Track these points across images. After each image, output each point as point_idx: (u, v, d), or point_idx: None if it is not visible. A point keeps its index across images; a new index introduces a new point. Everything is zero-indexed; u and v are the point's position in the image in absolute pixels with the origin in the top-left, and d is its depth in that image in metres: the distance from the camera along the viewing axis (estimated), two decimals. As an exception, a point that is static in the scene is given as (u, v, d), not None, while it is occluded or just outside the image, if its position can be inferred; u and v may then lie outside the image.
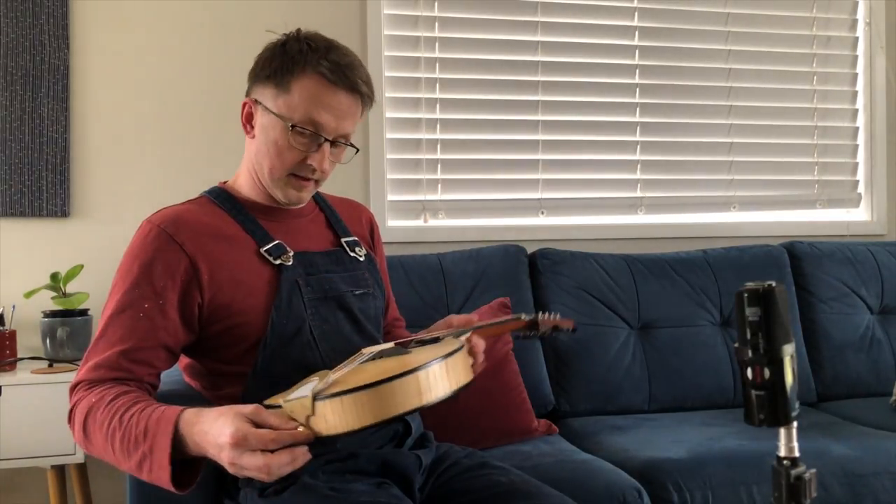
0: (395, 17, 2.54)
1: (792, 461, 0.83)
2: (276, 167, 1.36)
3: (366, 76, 1.36)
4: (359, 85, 1.34)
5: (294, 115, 1.32)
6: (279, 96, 1.33)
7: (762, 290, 0.82)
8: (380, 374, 1.03)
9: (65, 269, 2.16)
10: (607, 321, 2.29)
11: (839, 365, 2.40)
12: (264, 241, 1.37)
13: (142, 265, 1.29)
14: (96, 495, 2.22)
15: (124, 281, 1.30)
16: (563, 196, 2.67)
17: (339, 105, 1.33)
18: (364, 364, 1.20)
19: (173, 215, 1.35)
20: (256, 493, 1.28)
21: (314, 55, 1.32)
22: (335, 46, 1.36)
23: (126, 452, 1.12)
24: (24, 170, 2.25)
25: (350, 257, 1.47)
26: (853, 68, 2.91)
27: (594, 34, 2.70)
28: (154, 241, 1.31)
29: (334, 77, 1.32)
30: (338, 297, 1.40)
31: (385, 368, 1.09)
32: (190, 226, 1.34)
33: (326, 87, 1.32)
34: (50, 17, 2.28)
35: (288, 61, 1.33)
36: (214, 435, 1.04)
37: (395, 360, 1.15)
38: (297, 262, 1.38)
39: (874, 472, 1.79)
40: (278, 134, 1.34)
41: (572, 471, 1.70)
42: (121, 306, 1.28)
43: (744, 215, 2.80)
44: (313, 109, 1.32)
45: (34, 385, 1.94)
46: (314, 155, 1.35)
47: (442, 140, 2.58)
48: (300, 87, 1.32)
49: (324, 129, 1.33)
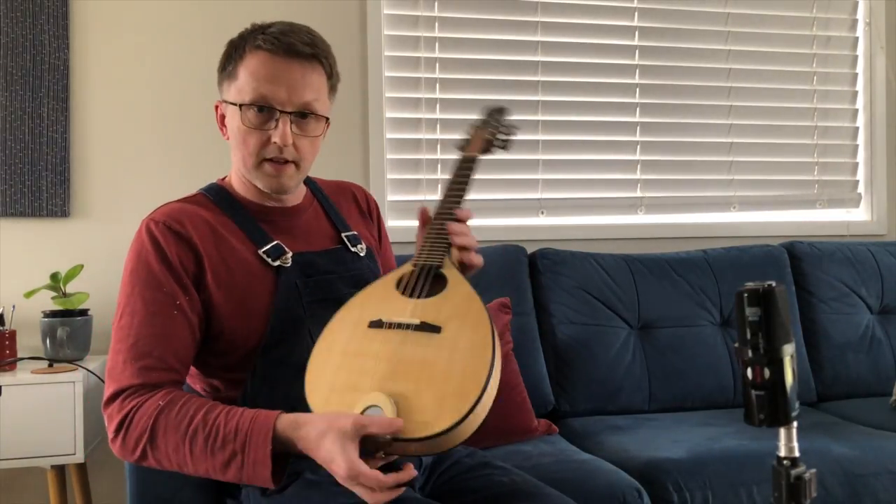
0: (395, 17, 2.54)
1: (792, 461, 0.83)
2: (246, 155, 1.33)
3: (307, 38, 1.31)
4: (297, 46, 1.29)
5: (245, 97, 1.30)
6: (231, 85, 1.33)
7: (762, 290, 0.82)
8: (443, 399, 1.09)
9: (65, 269, 2.16)
10: (607, 321, 2.29)
11: (839, 365, 2.40)
12: (263, 242, 1.35)
13: (159, 262, 1.27)
14: (96, 495, 2.22)
15: (145, 282, 1.26)
16: (563, 196, 2.67)
17: (286, 73, 1.29)
18: (403, 354, 1.16)
19: (176, 211, 1.33)
20: (259, 491, 1.28)
21: (252, 34, 1.32)
22: (278, 22, 1.34)
23: (210, 452, 1.14)
24: (24, 170, 2.26)
25: (351, 254, 1.44)
26: (853, 68, 2.91)
27: (594, 34, 2.70)
28: (163, 236, 1.29)
29: (271, 46, 1.28)
30: (337, 300, 1.36)
31: (435, 373, 1.12)
32: (192, 221, 1.32)
33: (267, 59, 1.29)
34: (50, 17, 2.28)
35: (232, 49, 1.34)
36: (323, 456, 1.09)
37: (435, 349, 1.15)
38: (296, 264, 1.35)
39: (874, 472, 1.79)
40: (237, 121, 1.32)
41: (572, 471, 1.70)
42: (150, 307, 1.25)
43: (744, 215, 2.80)
44: (259, 84, 1.29)
45: (34, 385, 1.93)
46: (275, 131, 1.30)
47: (442, 140, 2.59)
48: (245, 68, 1.31)
49: (274, 100, 1.29)
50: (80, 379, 1.94)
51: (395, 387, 1.12)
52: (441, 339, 1.17)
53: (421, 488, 1.33)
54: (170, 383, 1.23)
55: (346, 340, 1.21)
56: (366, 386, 1.13)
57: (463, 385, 1.11)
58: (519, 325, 2.17)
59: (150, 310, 1.25)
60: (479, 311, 1.20)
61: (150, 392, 1.20)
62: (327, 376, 1.17)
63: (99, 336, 2.20)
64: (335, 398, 1.14)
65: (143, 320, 1.24)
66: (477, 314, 1.20)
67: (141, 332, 1.24)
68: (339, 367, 1.18)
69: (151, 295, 1.25)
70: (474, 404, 1.08)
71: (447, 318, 1.20)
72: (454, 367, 1.13)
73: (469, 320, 1.19)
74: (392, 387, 1.12)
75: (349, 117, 2.49)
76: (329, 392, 1.15)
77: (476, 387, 1.10)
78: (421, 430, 1.07)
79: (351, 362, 1.17)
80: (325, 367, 1.19)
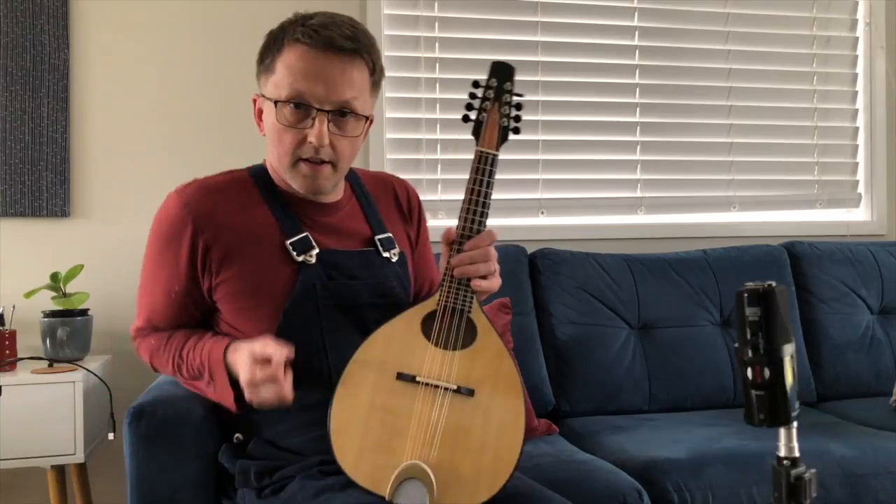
0: (395, 17, 2.54)
1: (792, 461, 0.83)
2: (281, 153, 1.29)
3: (349, 31, 1.25)
4: (338, 41, 1.23)
5: (281, 93, 1.25)
6: (269, 79, 1.29)
7: (762, 290, 0.82)
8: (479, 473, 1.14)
9: (65, 269, 2.16)
10: (607, 321, 2.29)
11: (839, 365, 2.40)
12: (292, 232, 1.31)
13: (164, 242, 1.32)
14: (96, 495, 2.22)
15: (153, 256, 1.35)
16: (563, 196, 2.67)
17: (325, 69, 1.24)
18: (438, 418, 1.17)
19: (201, 191, 1.33)
20: (254, 493, 1.28)
21: (292, 26, 1.26)
22: (320, 13, 1.28)
23: (193, 378, 1.36)
24: (24, 170, 2.25)
25: (381, 259, 1.39)
26: (853, 68, 2.91)
27: (594, 34, 2.70)
28: (174, 217, 1.31)
29: (311, 40, 1.23)
30: (354, 308, 1.34)
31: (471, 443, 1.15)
32: (215, 204, 1.31)
33: (306, 53, 1.24)
34: (50, 17, 2.28)
35: (271, 42, 1.29)
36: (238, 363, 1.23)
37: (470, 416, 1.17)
38: (321, 263, 1.32)
39: (874, 472, 1.79)
40: (273, 117, 1.28)
41: (572, 471, 1.69)
42: (153, 280, 1.37)
43: (744, 215, 2.80)
44: (296, 80, 1.24)
45: (34, 385, 1.93)
46: (311, 130, 1.26)
47: (442, 140, 2.58)
48: (282, 62, 1.26)
49: (311, 97, 1.25)
50: (80, 379, 1.94)
51: (433, 454, 1.13)
52: (475, 405, 1.18)
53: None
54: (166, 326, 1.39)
55: (371, 390, 1.19)
56: (400, 448, 1.14)
57: (498, 459, 1.14)
58: (519, 325, 2.17)
59: (153, 285, 1.36)
60: (511, 372, 1.21)
61: (151, 332, 1.40)
62: (356, 431, 1.16)
63: (99, 336, 2.20)
64: (368, 458, 1.15)
65: (148, 290, 1.38)
66: (508, 375, 1.21)
67: (145, 299, 1.39)
68: (368, 423, 1.17)
69: (157, 272, 1.35)
70: (507, 480, 1.13)
71: (479, 380, 1.20)
72: (489, 439, 1.16)
73: (500, 384, 1.20)
74: (429, 454, 1.13)
75: (349, 117, 2.48)
76: (359, 452, 1.15)
77: (510, 462, 1.14)
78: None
79: (381, 418, 1.17)
80: (351, 419, 1.17)
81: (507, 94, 1.33)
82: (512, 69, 1.35)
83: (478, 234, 1.27)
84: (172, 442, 1.39)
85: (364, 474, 1.14)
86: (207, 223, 1.30)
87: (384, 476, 1.12)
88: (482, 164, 1.29)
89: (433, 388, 1.18)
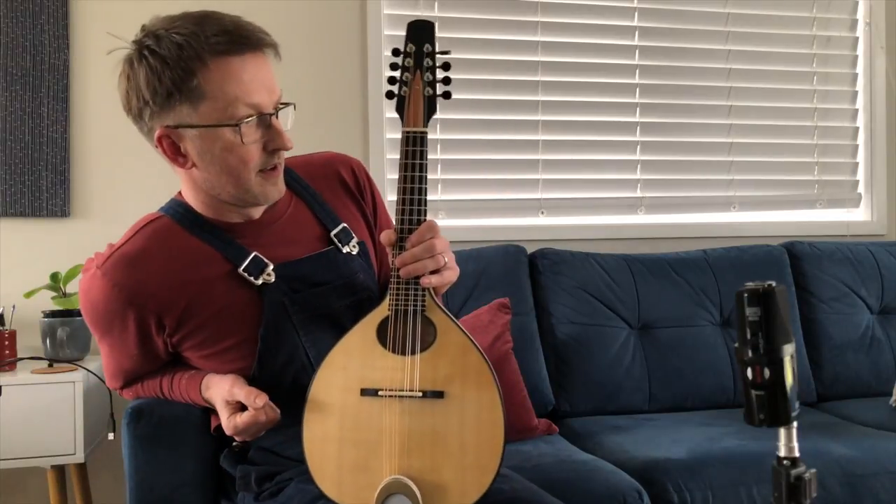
0: (395, 17, 2.54)
1: (792, 461, 0.83)
2: (244, 176, 1.18)
3: (257, 26, 1.17)
4: (262, 38, 1.16)
5: (236, 112, 1.14)
6: (198, 106, 1.14)
7: (762, 290, 0.82)
8: (463, 472, 1.11)
9: (65, 269, 2.16)
10: (607, 321, 2.29)
11: (839, 365, 2.40)
12: (240, 258, 1.23)
13: (107, 324, 1.27)
14: (96, 495, 2.22)
15: (101, 338, 1.32)
16: (563, 196, 2.67)
17: (258, 71, 1.16)
18: (410, 426, 1.13)
19: (125, 264, 1.23)
20: (252, 496, 1.28)
21: (195, 38, 1.12)
22: (200, 16, 1.15)
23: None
24: (24, 170, 2.25)
25: (343, 257, 1.31)
26: (853, 68, 2.91)
27: (594, 34, 2.70)
28: (108, 299, 1.23)
29: (234, 46, 1.13)
30: (328, 315, 1.27)
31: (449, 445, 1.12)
32: (145, 273, 1.22)
33: (236, 63, 1.13)
34: (50, 17, 2.28)
35: (178, 67, 1.12)
36: (215, 401, 1.26)
37: (443, 418, 1.13)
38: (281, 278, 1.24)
39: (874, 472, 1.79)
40: (227, 142, 1.16)
41: (572, 471, 1.70)
42: (109, 353, 1.35)
43: (744, 215, 2.80)
44: (245, 93, 1.14)
45: (34, 385, 1.93)
46: (271, 139, 1.18)
47: (442, 140, 2.58)
48: (212, 81, 1.13)
49: (262, 105, 1.16)
50: (80, 379, 1.94)
51: (411, 464, 1.10)
52: (446, 405, 1.12)
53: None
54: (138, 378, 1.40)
55: (339, 412, 1.14)
56: (377, 466, 1.11)
57: (480, 455, 1.10)
58: (519, 325, 2.17)
59: (112, 353, 1.33)
60: (478, 364, 1.14)
61: (129, 385, 1.40)
62: (332, 455, 1.13)
63: (99, 336, 2.20)
64: (348, 480, 1.12)
65: (110, 358, 1.35)
66: (476, 368, 1.14)
67: (111, 366, 1.37)
68: (341, 445, 1.13)
69: (112, 348, 1.32)
70: (496, 475, 1.10)
71: (447, 379, 1.13)
72: (467, 437, 1.12)
73: (471, 378, 1.13)
74: (408, 465, 1.10)
75: (349, 117, 2.48)
76: (339, 474, 1.13)
77: (495, 456, 1.10)
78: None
79: (353, 438, 1.13)
80: (324, 445, 1.14)
81: (427, 57, 1.19)
82: (430, 25, 1.20)
83: (418, 226, 1.17)
84: (172, 442, 1.39)
85: (349, 497, 1.12)
86: (147, 296, 1.23)
87: (368, 496, 1.10)
88: (410, 147, 1.16)
89: (398, 399, 1.13)
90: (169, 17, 1.17)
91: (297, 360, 1.26)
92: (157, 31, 1.15)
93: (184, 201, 1.29)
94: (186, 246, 1.25)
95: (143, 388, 1.39)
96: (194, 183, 1.24)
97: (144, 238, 1.26)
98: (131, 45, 1.20)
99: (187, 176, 1.23)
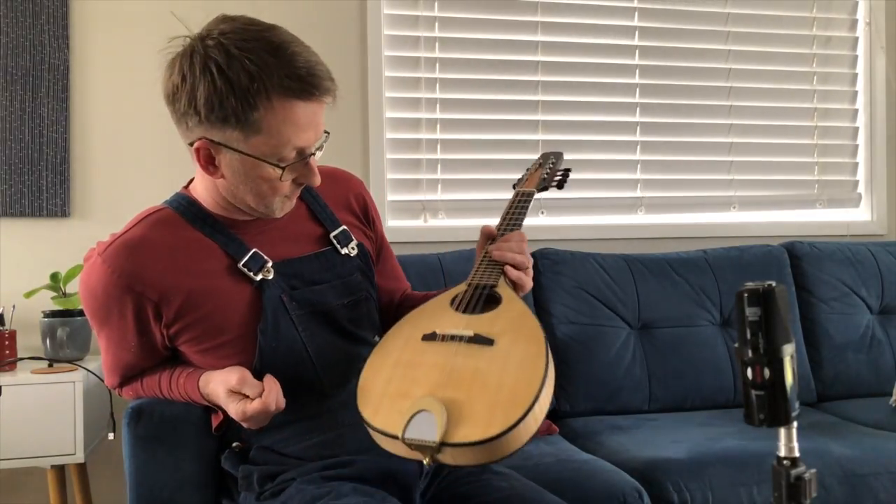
0: (395, 17, 2.54)
1: (792, 461, 0.83)
2: (270, 199, 1.22)
3: (327, 70, 1.17)
4: (330, 87, 1.17)
5: (280, 152, 1.16)
6: (249, 137, 1.15)
7: (762, 290, 0.82)
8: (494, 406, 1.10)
9: (65, 269, 2.16)
10: (607, 321, 2.29)
11: (839, 365, 2.40)
12: (240, 253, 1.25)
13: (105, 311, 1.27)
14: (96, 495, 2.22)
15: (99, 327, 1.31)
16: (563, 196, 2.66)
17: (315, 116, 1.18)
18: (455, 363, 1.16)
19: (126, 251, 1.24)
20: (254, 496, 1.28)
21: (268, 73, 1.11)
22: (276, 47, 1.14)
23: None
24: (24, 170, 2.26)
25: (341, 257, 1.34)
26: (853, 68, 2.91)
27: (594, 34, 2.70)
28: (108, 285, 1.23)
29: (303, 93, 1.14)
30: (326, 312, 1.30)
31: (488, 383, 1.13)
32: (145, 259, 1.23)
33: (300, 108, 1.15)
34: (50, 17, 2.28)
35: (243, 98, 1.12)
36: (217, 394, 1.26)
37: (488, 361, 1.16)
38: (280, 275, 1.27)
39: (874, 472, 1.79)
40: (266, 174, 1.18)
41: (573, 471, 1.70)
42: (107, 345, 1.34)
43: (744, 215, 2.80)
44: (296, 138, 1.16)
45: (34, 385, 1.94)
46: (303, 175, 1.22)
47: (442, 140, 2.58)
48: (271, 119, 1.13)
49: (307, 147, 1.19)
50: (80, 379, 1.94)
51: (447, 394, 1.12)
52: (494, 352, 1.17)
53: (422, 494, 1.32)
54: (138, 375, 1.39)
55: (398, 353, 1.20)
56: (417, 393, 1.13)
57: (515, 394, 1.11)
58: (519, 325, 2.17)
59: (110, 346, 1.33)
60: (534, 327, 1.20)
61: (127, 383, 1.40)
62: (378, 386, 1.16)
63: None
64: (386, 404, 1.14)
65: (108, 352, 1.35)
66: (531, 329, 1.20)
67: (109, 360, 1.36)
68: (391, 377, 1.17)
69: (109, 338, 1.32)
70: (525, 412, 1.09)
71: (500, 332, 1.20)
72: (506, 378, 1.13)
73: (523, 334, 1.19)
74: (443, 394, 1.12)
75: (349, 117, 2.48)
76: (380, 399, 1.14)
77: (529, 396, 1.10)
78: (470, 436, 1.07)
79: (403, 373, 1.17)
80: (376, 378, 1.18)
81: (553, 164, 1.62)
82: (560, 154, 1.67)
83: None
84: (172, 442, 1.39)
85: (382, 418, 1.13)
86: (146, 283, 1.23)
87: (401, 418, 1.11)
88: (521, 197, 1.49)
89: (453, 340, 1.19)
90: (240, 25, 1.16)
91: (298, 354, 1.28)
92: (227, 47, 1.14)
93: (189, 195, 1.31)
94: (188, 238, 1.26)
95: (143, 387, 1.39)
96: (214, 186, 1.26)
97: (147, 227, 1.27)
98: (196, 42, 1.19)
99: (208, 178, 1.24)
